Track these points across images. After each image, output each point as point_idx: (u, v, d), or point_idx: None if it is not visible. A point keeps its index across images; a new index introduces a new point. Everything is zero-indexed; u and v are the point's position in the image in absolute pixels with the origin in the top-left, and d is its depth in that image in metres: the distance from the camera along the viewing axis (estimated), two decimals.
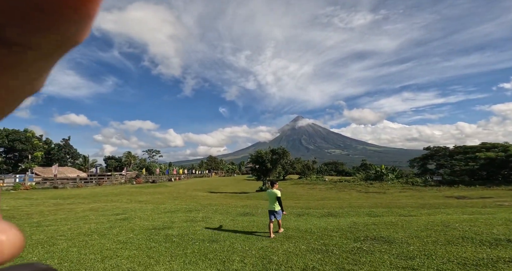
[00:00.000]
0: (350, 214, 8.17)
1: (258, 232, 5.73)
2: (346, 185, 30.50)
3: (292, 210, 9.90)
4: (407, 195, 17.10)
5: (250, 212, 9.35)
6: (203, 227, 6.31)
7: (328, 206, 11.76)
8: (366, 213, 8.20)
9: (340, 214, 8.24)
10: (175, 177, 51.31)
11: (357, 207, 10.92)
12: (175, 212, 9.25)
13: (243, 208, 10.89)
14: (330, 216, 8.09)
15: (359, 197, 16.57)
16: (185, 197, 16.96)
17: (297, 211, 9.53)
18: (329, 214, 8.43)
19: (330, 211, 9.06)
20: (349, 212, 8.77)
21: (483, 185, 21.17)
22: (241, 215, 8.70)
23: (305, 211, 9.34)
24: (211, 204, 12.73)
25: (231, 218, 7.86)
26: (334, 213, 8.49)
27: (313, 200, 16.05)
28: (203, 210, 9.91)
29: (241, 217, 8.23)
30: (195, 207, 10.95)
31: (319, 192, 22.47)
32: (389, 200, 13.86)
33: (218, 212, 9.43)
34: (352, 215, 8.00)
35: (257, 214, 8.72)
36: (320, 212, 8.88)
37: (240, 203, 13.75)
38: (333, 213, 8.58)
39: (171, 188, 27.26)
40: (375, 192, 20.69)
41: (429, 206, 10.40)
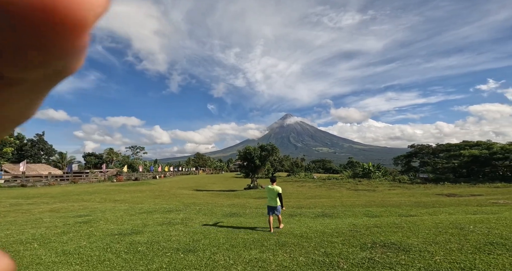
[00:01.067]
0: (346, 214, 7.49)
1: (246, 237, 4.85)
2: (335, 182, 30.36)
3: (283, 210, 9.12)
4: (397, 192, 16.92)
5: (238, 212, 8.47)
6: (180, 232, 5.34)
7: (320, 205, 11.11)
8: (363, 213, 7.55)
9: (335, 214, 7.54)
10: (160, 175, 49.39)
11: (350, 205, 10.33)
12: (152, 212, 8.18)
13: (230, 208, 9.99)
14: (325, 216, 7.37)
15: (350, 195, 16.15)
16: (167, 196, 15.78)
17: (288, 210, 8.75)
18: (323, 214, 7.71)
19: (323, 211, 8.36)
20: (344, 211, 8.10)
21: (467, 182, 21.56)
22: (227, 216, 7.80)
23: (297, 211, 8.58)
24: (195, 203, 11.72)
25: (215, 220, 6.94)
26: (328, 213, 7.78)
27: (303, 198, 15.42)
28: (185, 210, 8.91)
29: (227, 218, 7.33)
30: (177, 206, 9.91)
31: (308, 190, 21.97)
32: (381, 198, 13.47)
33: (201, 212, 8.47)
34: (349, 215, 7.32)
35: (245, 215, 7.85)
36: (313, 212, 8.15)
37: (227, 202, 12.84)
38: (328, 213, 7.87)
39: (154, 186, 25.81)
40: (364, 189, 20.46)
41: (424, 204, 9.99)
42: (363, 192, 18.55)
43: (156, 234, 5.12)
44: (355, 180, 30.88)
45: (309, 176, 43.77)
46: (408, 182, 25.06)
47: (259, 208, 9.97)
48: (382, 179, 28.99)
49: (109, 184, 26.57)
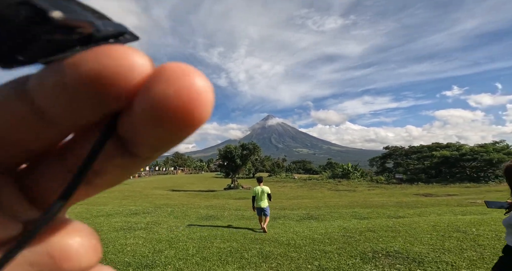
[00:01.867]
0: (333, 216, 6.92)
1: (222, 246, 4.00)
2: (315, 182, 30.40)
3: None
4: (376, 192, 17.04)
5: (215, 214, 7.55)
6: (140, 240, 4.34)
7: (304, 206, 10.55)
8: (350, 215, 7.04)
9: (321, 216, 6.94)
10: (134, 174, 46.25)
11: (334, 206, 9.88)
12: (112, 215, 6.97)
13: (207, 210, 9.03)
14: (311, 219, 6.73)
15: (332, 195, 15.91)
16: (138, 196, 14.31)
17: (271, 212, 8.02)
18: (308, 216, 7.08)
19: (308, 212, 7.74)
20: (330, 213, 7.55)
21: (439, 183, 22.60)
22: (202, 218, 6.85)
23: (280, 213, 7.88)
24: (168, 205, 10.55)
25: (188, 224, 5.98)
26: (314, 215, 7.17)
27: (285, 198, 14.84)
28: (154, 212, 7.79)
29: (202, 221, 6.40)
30: (145, 208, 8.73)
31: (290, 190, 21.54)
32: (363, 198, 13.30)
33: (173, 215, 7.42)
34: (336, 217, 6.76)
35: (223, 218, 6.97)
36: (298, 214, 7.49)
37: (205, 203, 11.82)
38: (313, 214, 7.26)
39: (126, 186, 23.78)
40: (345, 190, 20.49)
41: (406, 204, 9.83)
42: (344, 192, 18.49)
43: (107, 243, 4.07)
44: (335, 180, 31.24)
45: (290, 177, 43.76)
46: (385, 182, 25.73)
47: (240, 210, 9.13)
48: (361, 180, 29.58)
49: None
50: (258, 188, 5.34)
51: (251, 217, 7.00)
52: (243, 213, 8.01)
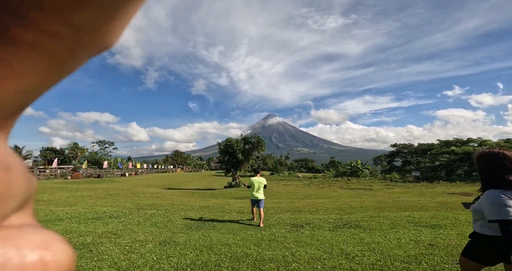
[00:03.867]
0: (383, 223, 4.80)
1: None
2: (322, 181, 28.29)
3: (278, 216, 6.23)
4: (400, 191, 14.92)
5: (210, 220, 5.44)
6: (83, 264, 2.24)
7: (322, 207, 8.45)
8: (407, 221, 4.92)
9: (364, 224, 4.82)
10: (130, 172, 44.43)
11: (366, 208, 7.78)
12: (61, 220, 4.86)
13: (201, 212, 6.94)
14: (350, 227, 4.62)
15: (350, 195, 13.78)
16: (123, 195, 12.23)
17: (287, 217, 5.90)
18: (344, 222, 4.97)
19: (340, 217, 5.63)
20: (372, 218, 5.43)
21: (462, 181, 20.45)
22: (191, 227, 4.75)
23: (301, 218, 5.77)
24: (154, 206, 8.46)
25: (167, 236, 3.89)
26: (351, 221, 5.06)
27: (296, 198, 12.72)
28: (129, 216, 5.70)
29: (190, 232, 4.31)
30: (119, 211, 6.62)
31: (297, 189, 19.42)
32: (390, 198, 11.17)
33: (151, 220, 5.32)
34: (389, 225, 4.65)
35: (221, 226, 4.86)
36: (325, 219, 5.40)
37: (200, 203, 9.73)
38: (350, 220, 5.15)
39: (117, 184, 21.75)
40: (359, 188, 18.34)
41: (454, 205, 7.72)
42: (359, 191, 16.35)
43: None
44: (343, 178, 29.18)
45: (294, 175, 41.77)
46: (400, 180, 23.61)
47: (243, 212, 7.05)
48: (372, 178, 27.49)
49: (59, 181, 21.94)
50: (255, 178, 5.21)
51: (265, 225, 4.89)
52: (248, 217, 5.91)
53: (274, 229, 4.66)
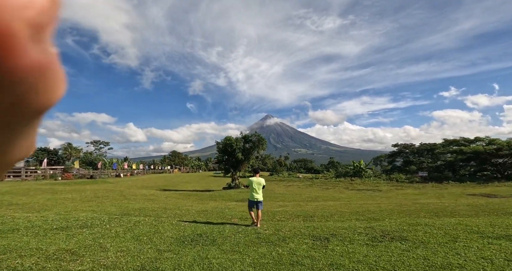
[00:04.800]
0: (434, 233, 3.73)
1: None
2: (325, 181, 27.27)
3: (291, 223, 5.14)
4: (414, 193, 13.94)
5: (208, 231, 4.33)
6: None
7: (337, 211, 7.39)
8: (468, 230, 3.86)
9: (404, 232, 3.74)
10: (126, 173, 43.09)
11: (387, 212, 6.74)
12: (13, 231, 3.72)
13: (198, 218, 5.84)
14: (396, 240, 3.54)
15: (360, 197, 12.74)
16: (113, 198, 11.06)
17: (302, 226, 4.82)
18: (384, 234, 3.90)
19: (370, 226, 4.55)
20: (412, 225, 4.35)
21: (473, 181, 19.51)
22: (180, 243, 3.64)
23: (320, 227, 4.69)
24: (143, 210, 7.34)
25: (148, 258, 2.79)
26: (387, 231, 3.99)
27: (302, 200, 11.65)
28: (110, 224, 4.58)
29: (181, 250, 3.20)
30: (105, 216, 5.49)
31: (300, 190, 18.35)
32: (410, 200, 10.14)
33: (134, 231, 4.20)
34: (440, 236, 3.56)
35: (223, 239, 3.76)
36: (351, 227, 4.32)
37: (197, 207, 8.61)
38: (385, 230, 4.08)
39: (110, 185, 20.51)
40: (366, 189, 17.32)
41: (489, 209, 6.70)
42: (367, 192, 15.33)
43: None
44: (346, 178, 28.20)
45: (294, 175, 40.74)
46: (406, 181, 22.64)
47: (247, 219, 5.99)
48: (376, 178, 26.53)
49: (47, 182, 20.63)
50: (254, 179, 4.97)
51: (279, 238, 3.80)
52: (254, 227, 4.82)
53: (292, 244, 3.57)
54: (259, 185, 4.93)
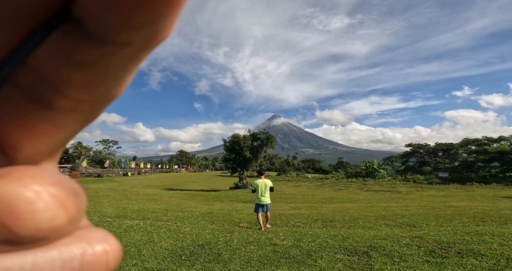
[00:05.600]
0: None
1: None
2: (335, 182, 26.11)
3: (311, 231, 4.26)
4: (440, 194, 12.77)
5: (212, 239, 3.52)
6: None
7: (359, 215, 6.48)
8: None
9: (474, 245, 2.80)
10: (133, 172, 43.13)
11: (422, 216, 5.77)
12: None
13: (202, 222, 5.07)
14: (459, 254, 2.61)
15: (378, 198, 11.70)
16: (114, 198, 10.47)
17: (326, 234, 3.93)
18: (436, 246, 2.98)
19: (415, 235, 3.61)
20: (473, 234, 3.39)
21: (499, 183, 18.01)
22: (176, 258, 2.82)
23: (349, 235, 3.79)
24: (143, 212, 6.63)
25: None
26: (446, 243, 3.06)
27: (316, 202, 10.72)
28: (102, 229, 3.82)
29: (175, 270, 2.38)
30: (95, 219, 4.79)
31: (311, 191, 17.37)
32: (439, 203, 9.07)
33: (122, 240, 3.43)
34: None
35: (228, 259, 2.91)
36: (391, 238, 3.39)
37: (201, 208, 7.85)
38: (442, 241, 3.16)
39: (115, 184, 20.16)
40: (382, 190, 16.18)
41: None
42: (386, 193, 14.21)
43: None
44: (358, 179, 26.95)
45: (302, 176, 39.61)
46: (424, 182, 21.28)
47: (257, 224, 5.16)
48: (391, 179, 25.21)
49: None
50: (259, 181, 4.72)
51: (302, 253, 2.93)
52: (268, 235, 3.98)
53: (322, 262, 2.71)
54: (266, 187, 4.71)
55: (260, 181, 4.77)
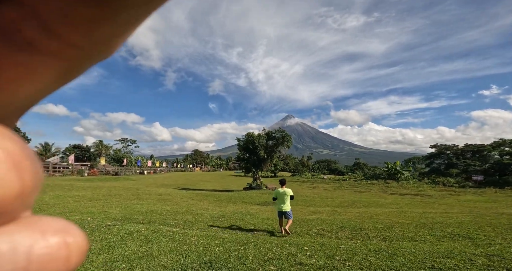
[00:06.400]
0: None
1: None
2: (353, 184, 24.71)
3: (341, 242, 3.45)
4: (480, 199, 11.32)
5: (221, 257, 2.83)
6: None
7: (392, 223, 5.58)
8: None
9: None
10: (149, 170, 44.00)
11: (472, 224, 4.74)
12: None
13: (212, 228, 4.42)
14: None
15: (409, 203, 10.51)
16: (125, 197, 10.20)
17: (365, 250, 3.13)
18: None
19: (483, 251, 2.70)
20: None
21: None
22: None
23: (398, 254, 2.95)
24: (152, 214, 6.15)
25: None
26: None
27: (337, 205, 9.80)
28: (93, 234, 3.32)
29: None
30: (96, 222, 4.33)
31: (329, 193, 16.33)
32: (485, 209, 7.83)
33: (115, 252, 2.86)
34: None
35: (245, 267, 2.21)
36: (461, 257, 2.52)
37: (213, 211, 7.26)
38: None
39: (130, 182, 20.29)
40: (411, 194, 14.78)
41: None
42: (415, 197, 12.88)
43: None
44: (379, 181, 25.33)
45: (318, 177, 38.27)
46: (455, 185, 19.41)
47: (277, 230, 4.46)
48: (415, 181, 23.41)
49: (72, 178, 20.98)
50: (280, 190, 5.05)
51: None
52: (290, 249, 3.25)
53: None
54: (286, 196, 4.96)
55: (281, 190, 5.02)
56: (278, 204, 4.95)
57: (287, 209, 4.87)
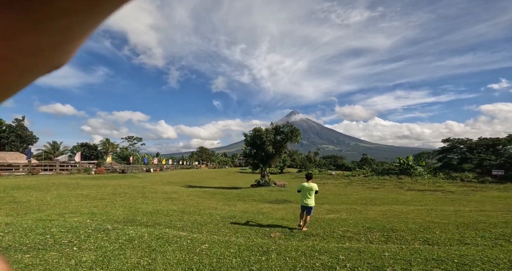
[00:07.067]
0: None
1: None
2: (364, 179, 23.93)
3: (374, 246, 2.82)
4: (508, 196, 10.47)
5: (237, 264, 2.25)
6: None
7: (427, 223, 4.96)
8: None
9: None
10: (156, 168, 44.02)
11: None
12: None
13: (223, 226, 3.90)
14: None
15: (433, 199, 9.77)
16: (130, 196, 9.77)
17: (431, 263, 2.47)
18: None
19: None
20: None
21: None
22: None
23: (450, 263, 2.29)
24: (157, 214, 5.65)
25: None
26: None
27: (354, 203, 9.16)
28: (86, 242, 2.79)
29: None
30: (95, 225, 3.83)
31: (341, 189, 15.66)
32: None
33: (108, 266, 2.30)
34: None
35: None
36: None
37: (222, 210, 6.72)
38: None
39: (136, 180, 20.00)
40: (430, 190, 13.98)
41: None
42: (436, 193, 12.10)
43: None
44: (391, 177, 24.47)
45: (326, 172, 37.56)
46: (474, 180, 18.45)
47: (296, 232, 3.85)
48: (430, 176, 22.49)
49: (78, 176, 20.84)
50: (305, 184, 5.03)
51: None
52: (322, 258, 2.65)
53: None
54: (311, 191, 4.92)
55: (306, 184, 4.97)
56: (302, 198, 4.91)
57: (312, 204, 4.83)
